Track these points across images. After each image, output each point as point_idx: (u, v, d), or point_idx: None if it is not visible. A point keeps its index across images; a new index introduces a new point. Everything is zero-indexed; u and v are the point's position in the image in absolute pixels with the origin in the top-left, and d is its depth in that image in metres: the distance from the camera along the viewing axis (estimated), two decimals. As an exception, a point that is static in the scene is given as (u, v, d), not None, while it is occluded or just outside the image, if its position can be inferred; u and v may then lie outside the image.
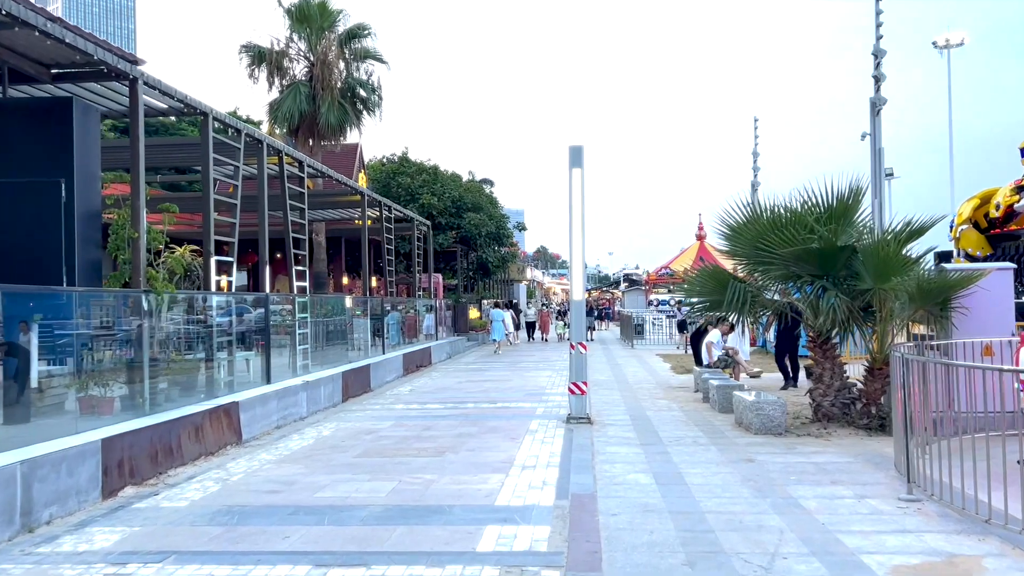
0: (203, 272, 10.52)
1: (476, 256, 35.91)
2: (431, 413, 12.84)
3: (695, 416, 11.90)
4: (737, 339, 16.02)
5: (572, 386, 11.53)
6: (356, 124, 25.44)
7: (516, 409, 13.11)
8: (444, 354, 24.60)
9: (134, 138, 8.78)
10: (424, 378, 18.73)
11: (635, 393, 15.04)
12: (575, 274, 11.64)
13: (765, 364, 17.62)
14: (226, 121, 11.00)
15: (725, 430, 10.59)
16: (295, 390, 12.16)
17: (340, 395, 14.22)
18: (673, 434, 10.35)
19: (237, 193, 11.45)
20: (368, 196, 18.88)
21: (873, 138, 24.56)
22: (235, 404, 10.10)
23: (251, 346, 13.01)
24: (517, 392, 15.50)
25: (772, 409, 10.19)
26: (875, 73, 24.19)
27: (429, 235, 27.46)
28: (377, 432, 10.99)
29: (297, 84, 24.52)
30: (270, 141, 12.60)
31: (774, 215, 10.45)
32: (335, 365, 15.19)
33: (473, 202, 34.54)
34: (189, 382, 10.17)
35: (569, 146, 11.62)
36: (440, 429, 11.12)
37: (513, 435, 10.47)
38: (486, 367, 21.74)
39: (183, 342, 10.45)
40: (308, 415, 12.57)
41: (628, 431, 10.68)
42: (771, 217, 10.45)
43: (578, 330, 11.76)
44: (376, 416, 12.57)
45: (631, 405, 13.36)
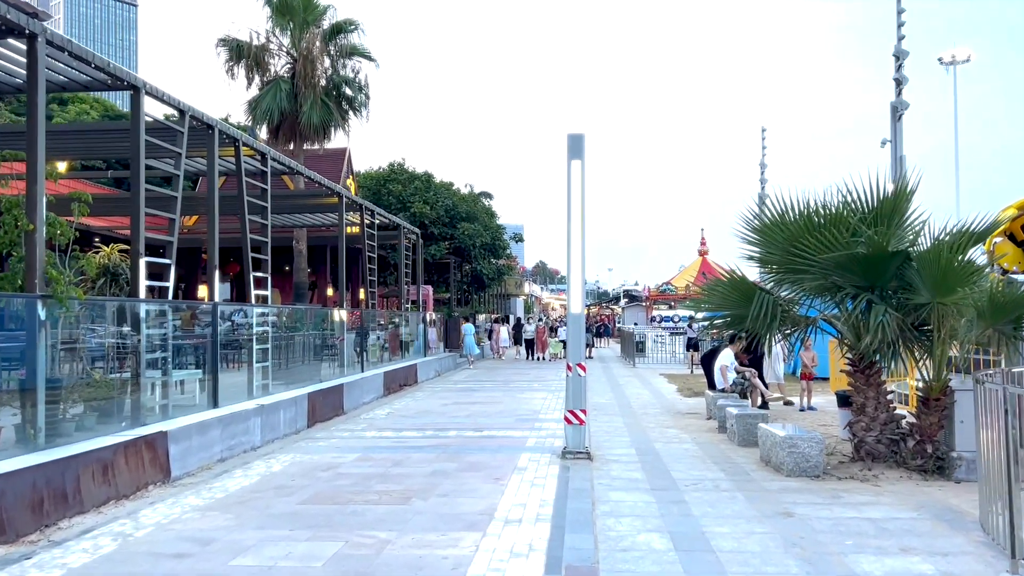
0: (130, 276, 8.82)
1: (470, 268, 34.24)
2: (405, 443, 11.11)
3: (711, 451, 10.19)
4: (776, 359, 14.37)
5: (569, 414, 9.82)
6: (341, 125, 23.84)
7: (504, 439, 11.38)
8: (432, 372, 22.87)
9: (31, 106, 7.12)
10: (406, 399, 16.99)
11: (640, 420, 13.32)
12: (573, 283, 9.96)
13: (792, 389, 15.90)
14: (164, 98, 9.34)
15: (750, 470, 8.88)
16: (246, 415, 10.43)
17: (305, 419, 12.49)
18: (689, 475, 8.63)
19: (177, 185, 9.77)
20: (347, 199, 17.21)
21: (894, 145, 23.00)
22: (161, 435, 8.38)
23: (198, 363, 11.33)
24: (507, 417, 13.77)
25: (808, 446, 8.48)
26: (896, 76, 22.64)
27: (419, 244, 25.80)
28: (337, 468, 9.26)
29: (278, 80, 22.96)
30: (223, 127, 10.95)
31: (808, 215, 8.78)
32: (302, 385, 13.46)
33: (468, 212, 32.93)
34: (106, 408, 8.45)
35: (568, 134, 9.98)
36: (412, 464, 9.39)
37: (497, 474, 8.75)
38: (476, 387, 20.01)
39: (104, 359, 8.76)
40: (262, 444, 10.83)
41: (635, 470, 8.96)
42: (805, 217, 8.77)
43: (575, 348, 10.07)
44: (341, 446, 10.84)
45: (636, 435, 11.64)
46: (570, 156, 9.94)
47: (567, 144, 9.97)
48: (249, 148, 12.15)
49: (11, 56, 8.10)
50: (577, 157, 9.92)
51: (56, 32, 7.34)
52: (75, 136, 12.75)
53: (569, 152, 9.94)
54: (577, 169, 9.91)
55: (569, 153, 9.94)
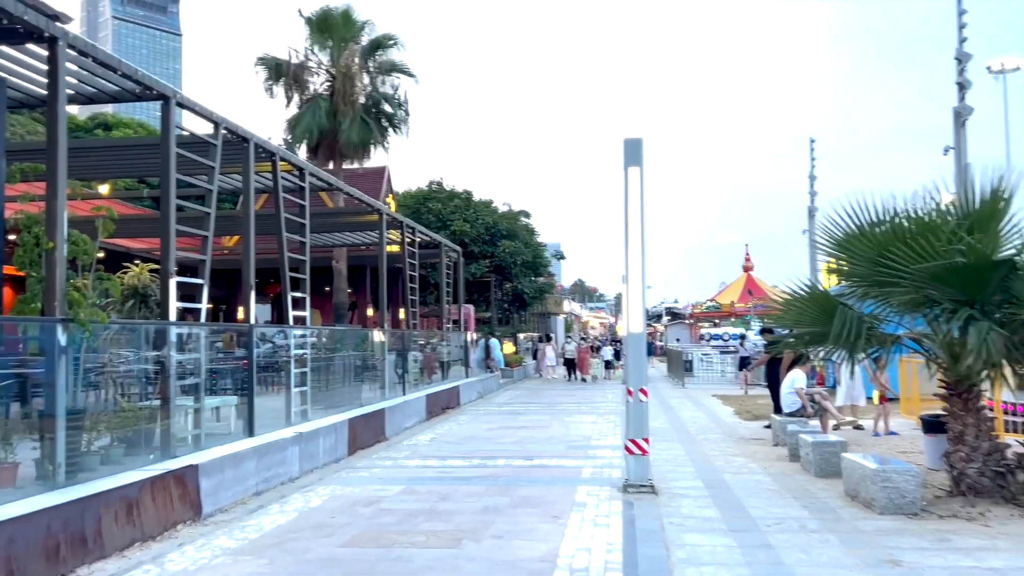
0: (160, 297, 8.25)
1: (511, 287, 33.54)
2: (452, 473, 10.37)
3: (787, 483, 9.28)
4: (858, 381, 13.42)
5: (630, 444, 9.01)
6: (380, 142, 23.42)
7: (557, 469, 10.59)
8: (474, 393, 22.15)
9: (51, 114, 6.60)
10: (450, 423, 16.28)
11: (700, 446, 12.42)
12: (632, 300, 9.18)
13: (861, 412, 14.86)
14: (196, 109, 8.81)
15: (835, 506, 7.97)
16: (283, 444, 9.79)
17: (345, 447, 11.83)
18: (769, 512, 7.76)
19: (211, 200, 9.22)
20: (388, 216, 16.65)
21: (958, 152, 21.84)
22: (192, 468, 7.75)
23: (233, 389, 10.75)
24: (557, 444, 12.97)
25: (903, 480, 7.56)
26: (959, 80, 21.53)
27: (459, 263, 25.19)
28: (380, 503, 8.56)
29: (317, 98, 22.61)
30: (259, 141, 10.42)
31: (898, 222, 7.91)
32: (342, 409, 12.82)
33: (508, 229, 32.30)
34: (133, 439, 7.86)
35: (624, 139, 9.25)
36: (460, 499, 8.65)
37: (555, 511, 7.96)
38: (521, 409, 19.24)
39: (131, 387, 8.19)
40: (300, 475, 10.18)
41: (707, 506, 8.11)
42: (894, 225, 7.91)
43: (637, 371, 9.27)
44: (383, 477, 10.14)
45: (700, 464, 10.77)
46: (627, 163, 9.20)
47: (623, 150, 9.24)
48: (287, 163, 11.62)
49: (33, 64, 7.63)
50: (635, 164, 9.18)
51: (80, 36, 6.82)
52: (104, 152, 12.33)
53: (626, 158, 9.21)
54: (635, 177, 9.17)
55: (626, 159, 9.21)
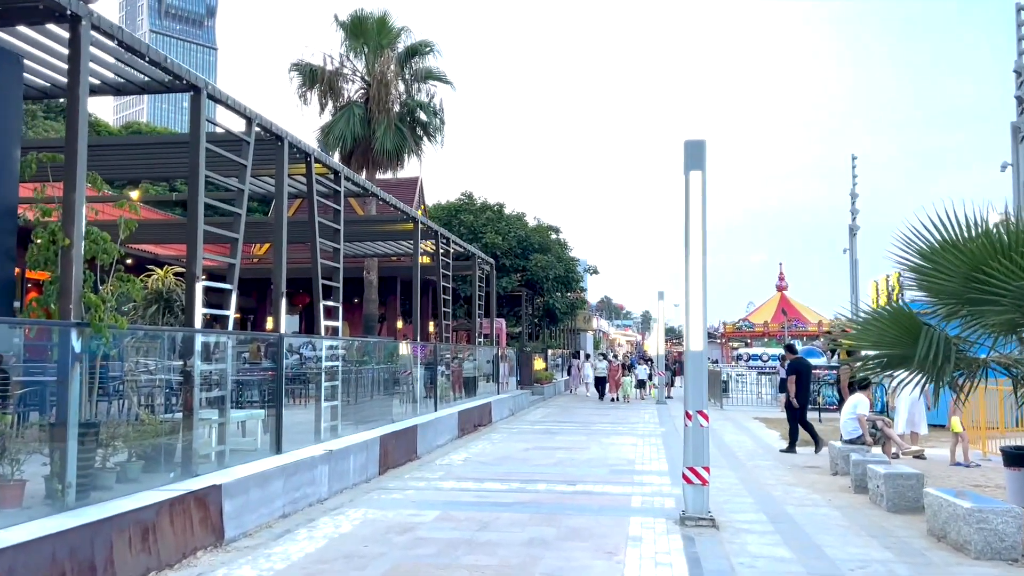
0: (185, 302, 7.68)
1: (542, 302, 32.84)
2: (490, 498, 9.67)
3: (858, 518, 8.47)
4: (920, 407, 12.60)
5: (688, 472, 8.26)
6: (415, 151, 22.90)
7: (603, 497, 9.85)
8: (506, 410, 21.44)
9: (72, 101, 6.06)
10: (483, 441, 15.59)
11: (753, 474, 11.62)
12: (693, 314, 8.45)
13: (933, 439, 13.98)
14: (228, 103, 8.27)
15: (921, 548, 7.17)
16: (312, 463, 9.16)
17: (376, 465, 11.18)
18: (847, 553, 6.98)
19: (241, 202, 8.66)
20: (423, 224, 16.08)
21: (1016, 169, 20.87)
22: (215, 489, 7.13)
23: (260, 402, 10.17)
24: (599, 467, 12.22)
25: (1002, 522, 6.75)
26: (1018, 93, 20.63)
27: (492, 275, 24.57)
28: (415, 529, 7.88)
29: (351, 105, 22.17)
30: (294, 139, 9.86)
31: (999, 235, 7.13)
32: (373, 425, 12.19)
33: (540, 243, 31.66)
34: (153, 456, 7.27)
35: (685, 141, 8.56)
36: (502, 528, 7.95)
37: (608, 546, 7.24)
38: (555, 428, 18.49)
39: (152, 398, 7.61)
40: (329, 496, 9.54)
41: (776, 544, 7.34)
42: (994, 237, 7.13)
43: (696, 392, 8.53)
44: (417, 500, 9.47)
45: (758, 494, 9.99)
46: (688, 166, 8.50)
47: (684, 153, 8.55)
48: (322, 165, 11.06)
49: (54, 48, 7.12)
50: (697, 167, 8.48)
51: (105, 17, 6.29)
52: (130, 151, 11.83)
53: (687, 161, 8.52)
54: (697, 181, 8.47)
55: (687, 162, 8.51)
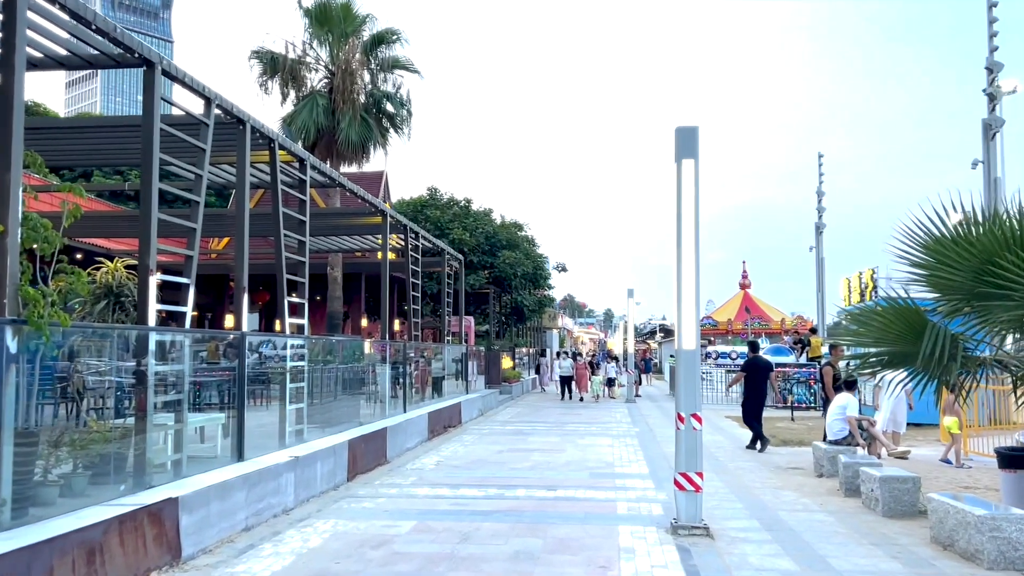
0: (137, 298, 6.99)
1: (510, 299, 32.32)
2: (468, 506, 9.12)
3: (855, 524, 8.10)
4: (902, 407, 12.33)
5: (680, 478, 7.80)
6: (381, 143, 22.21)
7: (587, 503, 9.36)
8: (476, 411, 20.89)
9: (6, 71, 5.36)
10: (454, 444, 15.02)
11: (739, 478, 11.23)
12: (686, 310, 7.98)
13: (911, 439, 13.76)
14: (185, 80, 7.59)
15: (927, 557, 6.80)
16: (277, 471, 8.53)
17: (345, 472, 10.57)
18: (854, 565, 6.57)
19: (200, 189, 7.99)
20: (392, 218, 15.43)
21: (987, 166, 20.87)
22: (170, 502, 6.49)
23: (221, 405, 9.50)
24: (578, 471, 11.74)
25: (1016, 530, 6.39)
26: (989, 90, 20.63)
27: (461, 272, 23.98)
28: (390, 543, 7.31)
29: (314, 95, 21.40)
30: (256, 123, 9.20)
31: (1012, 225, 6.77)
32: (340, 429, 11.57)
33: (508, 239, 31.12)
34: (101, 467, 6.59)
35: (677, 128, 8.09)
36: (484, 540, 7.41)
37: (600, 559, 6.74)
38: (527, 429, 17.98)
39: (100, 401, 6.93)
40: (296, 505, 8.92)
41: (777, 555, 6.91)
42: (1008, 228, 6.77)
43: (688, 393, 8.06)
44: (391, 510, 8.88)
45: (747, 499, 9.58)
46: (680, 154, 8.04)
47: (676, 140, 8.08)
48: (286, 152, 10.40)
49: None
50: (689, 156, 8.01)
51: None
52: (77, 135, 10.96)
53: (679, 149, 8.05)
54: (689, 171, 8.00)
55: (679, 150, 8.05)
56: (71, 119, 24.41)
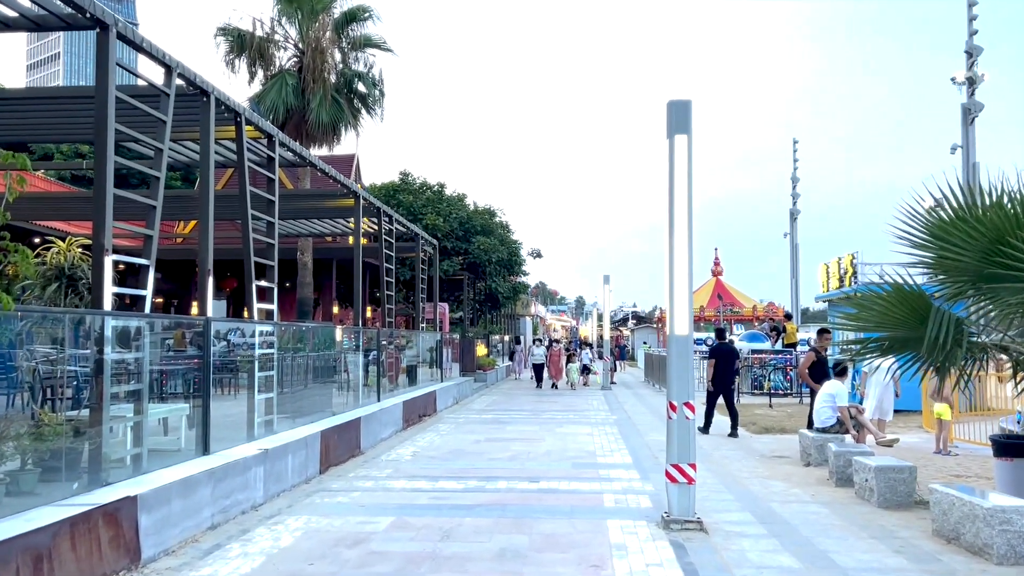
0: (92, 280, 6.45)
1: (484, 285, 31.86)
2: (448, 499, 8.70)
3: (851, 516, 7.81)
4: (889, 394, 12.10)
5: (672, 470, 7.44)
6: (353, 124, 21.58)
7: (572, 496, 8.97)
8: (450, 399, 20.46)
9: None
10: (430, 433, 14.58)
11: (723, 466, 10.94)
12: (679, 295, 7.59)
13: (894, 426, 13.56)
14: (144, 46, 7.02)
15: (932, 551, 6.51)
16: (245, 465, 8.04)
17: (317, 464, 10.09)
18: (857, 561, 6.25)
19: (160, 163, 7.44)
20: (364, 200, 14.89)
21: (966, 151, 20.83)
22: (128, 501, 5.98)
23: (185, 395, 8.98)
24: (560, 461, 11.37)
25: (1025, 523, 6.11)
26: (969, 74, 20.52)
27: (436, 258, 23.47)
28: (367, 541, 6.87)
29: (283, 74, 20.72)
30: (221, 95, 8.64)
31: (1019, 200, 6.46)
32: (312, 419, 11.08)
33: (483, 225, 30.62)
34: (52, 464, 6.07)
35: (669, 102, 7.67)
36: (467, 537, 7.00)
37: (592, 558, 6.36)
38: (504, 417, 17.58)
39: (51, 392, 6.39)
40: (266, 501, 8.43)
41: (776, 550, 6.57)
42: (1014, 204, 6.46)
43: (681, 381, 7.69)
44: (367, 504, 8.43)
45: (736, 490, 9.26)
46: (672, 129, 7.63)
47: (667, 115, 7.66)
48: (253, 127, 9.83)
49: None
50: (682, 131, 7.61)
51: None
52: (25, 107, 10.24)
53: (670, 124, 7.63)
54: (682, 147, 7.60)
55: (671, 126, 7.63)
56: (22, 89, 23.34)
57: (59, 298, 7.53)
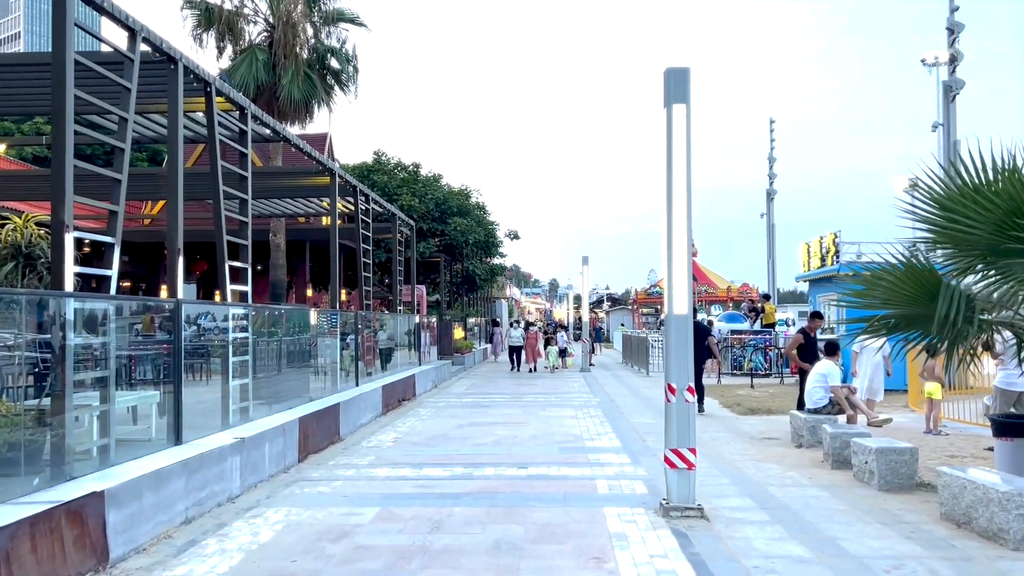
0: (52, 259, 5.95)
1: (461, 267, 31.42)
2: (435, 487, 8.33)
3: (854, 500, 7.56)
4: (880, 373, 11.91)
5: (672, 455, 7.13)
6: (326, 101, 20.97)
7: (564, 481, 8.64)
8: (429, 383, 20.07)
9: None
10: (410, 418, 14.19)
11: (716, 449, 10.68)
12: (677, 272, 7.25)
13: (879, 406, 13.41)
14: (106, 7, 6.49)
15: (944, 536, 6.26)
16: (221, 455, 7.60)
17: (296, 452, 9.67)
18: (868, 548, 5.99)
19: (125, 132, 6.92)
20: (340, 178, 14.38)
21: (946, 129, 20.71)
22: (95, 498, 5.54)
23: (155, 382, 8.51)
24: (546, 445, 11.04)
25: (1044, 507, 5.88)
26: (951, 51, 20.36)
27: (413, 239, 22.98)
28: (352, 534, 6.49)
29: (253, 50, 20.03)
30: (190, 63, 8.12)
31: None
32: (289, 404, 10.65)
33: (460, 206, 30.14)
34: (10, 457, 5.60)
35: (666, 70, 7.29)
36: (458, 528, 6.64)
37: (593, 549, 6.03)
38: (485, 401, 17.24)
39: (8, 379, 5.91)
40: (243, 492, 8.01)
41: (783, 539, 6.29)
42: None
43: (680, 363, 7.35)
44: (350, 494, 8.04)
45: (731, 473, 9.00)
46: (670, 99, 7.25)
47: (665, 83, 7.28)
48: (225, 99, 9.31)
49: None
50: (680, 100, 7.23)
51: None
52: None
53: (668, 93, 7.25)
54: (680, 118, 7.23)
55: (668, 95, 7.25)
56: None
57: (16, 278, 7.03)
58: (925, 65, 40.12)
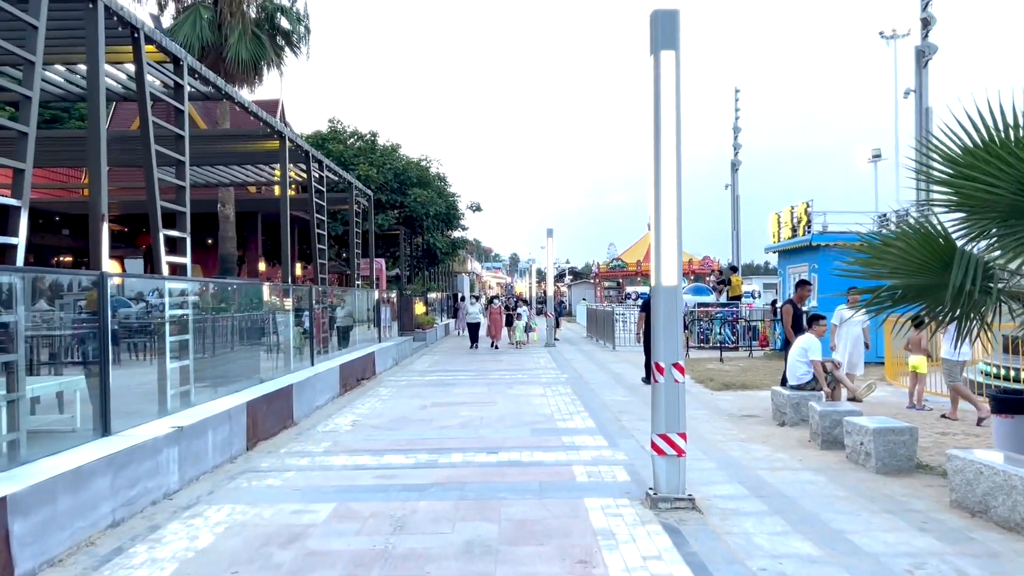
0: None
1: (422, 240, 30.48)
2: (397, 478, 7.57)
3: (853, 485, 7.01)
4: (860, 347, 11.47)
5: (659, 440, 6.46)
6: (276, 63, 19.80)
7: (538, 468, 7.94)
8: (390, 360, 19.24)
9: None
10: (370, 399, 13.39)
11: (696, 429, 10.02)
12: (666, 242, 6.53)
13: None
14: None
15: (960, 527, 5.71)
16: (155, 446, 6.75)
17: (244, 439, 8.84)
18: (881, 543, 5.39)
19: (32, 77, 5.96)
20: (291, 142, 13.38)
21: (919, 96, 20.26)
22: (-8, 506, 4.68)
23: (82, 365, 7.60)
24: (517, 427, 10.34)
25: (1069, 494, 5.33)
26: (923, 15, 19.86)
27: (371, 211, 21.99)
28: (304, 536, 5.72)
29: (197, 6, 18.74)
30: (111, 2, 7.11)
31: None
32: (237, 387, 9.79)
33: (419, 177, 29.12)
34: None
35: (654, 12, 6.51)
36: (424, 527, 5.91)
37: (577, 550, 5.34)
38: (449, 379, 16.47)
39: None
40: (182, 487, 7.18)
41: (786, 533, 5.67)
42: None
43: (669, 340, 6.65)
44: (303, 488, 7.25)
45: (717, 456, 8.39)
46: (656, 45, 6.48)
47: (651, 28, 6.50)
48: (156, 48, 8.31)
49: None
50: (669, 46, 6.47)
51: None
52: None
53: (654, 39, 6.49)
54: (669, 65, 6.46)
55: (654, 40, 6.49)
56: None
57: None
58: (883, 38, 39.73)
